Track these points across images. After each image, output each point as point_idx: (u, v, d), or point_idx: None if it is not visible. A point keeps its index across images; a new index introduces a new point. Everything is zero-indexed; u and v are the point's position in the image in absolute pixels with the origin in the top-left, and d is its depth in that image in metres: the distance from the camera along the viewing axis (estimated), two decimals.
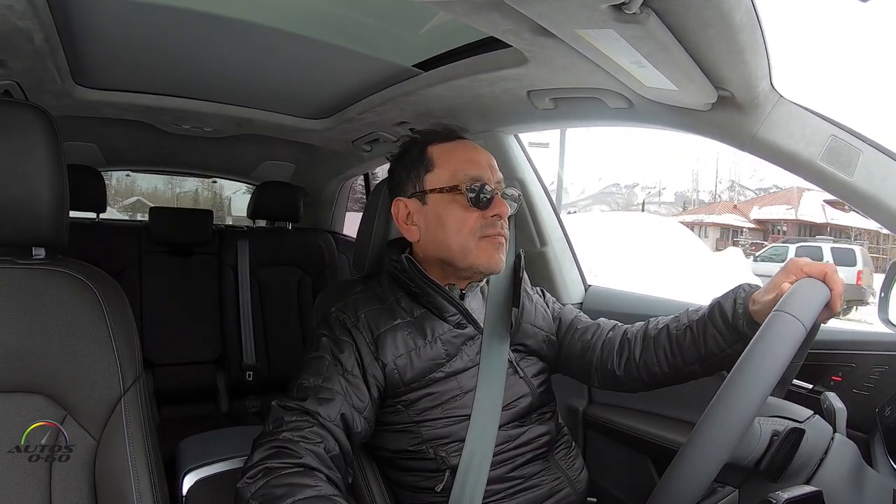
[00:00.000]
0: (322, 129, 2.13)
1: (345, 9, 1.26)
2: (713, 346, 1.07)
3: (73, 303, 0.98)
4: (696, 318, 1.11)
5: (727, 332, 1.05)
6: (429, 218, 1.15)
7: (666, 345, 1.14)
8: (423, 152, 1.18)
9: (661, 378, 1.17)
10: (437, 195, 1.13)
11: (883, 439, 1.04)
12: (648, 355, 1.17)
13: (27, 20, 1.16)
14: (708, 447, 0.75)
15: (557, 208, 1.90)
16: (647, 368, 1.17)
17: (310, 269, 2.83)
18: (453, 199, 1.12)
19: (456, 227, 1.11)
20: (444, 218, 1.12)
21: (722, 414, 0.75)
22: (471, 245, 1.11)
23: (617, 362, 1.21)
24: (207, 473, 1.38)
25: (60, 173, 0.97)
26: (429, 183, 1.15)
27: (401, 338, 1.10)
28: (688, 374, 1.14)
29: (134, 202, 15.45)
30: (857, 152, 1.09)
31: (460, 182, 1.11)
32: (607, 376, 1.23)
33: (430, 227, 1.15)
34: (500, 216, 1.12)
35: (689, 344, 1.11)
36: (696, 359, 1.10)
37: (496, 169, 1.17)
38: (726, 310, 1.05)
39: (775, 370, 0.77)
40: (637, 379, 1.20)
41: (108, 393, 0.97)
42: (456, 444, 1.07)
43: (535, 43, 1.07)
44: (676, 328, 1.14)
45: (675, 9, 0.80)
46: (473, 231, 1.11)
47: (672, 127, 1.33)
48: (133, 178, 8.42)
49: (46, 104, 1.15)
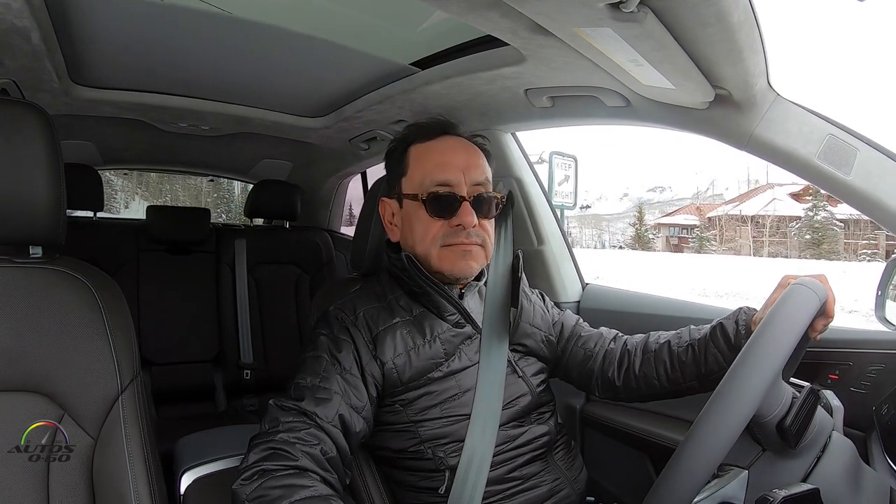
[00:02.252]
0: (319, 127, 2.13)
1: (342, 6, 1.26)
2: (713, 364, 1.11)
3: (71, 301, 0.98)
4: (699, 336, 1.15)
5: (728, 352, 1.08)
6: (403, 221, 1.17)
7: (667, 360, 1.18)
8: (403, 154, 1.19)
9: (658, 391, 1.20)
10: (409, 200, 1.15)
11: (880, 437, 1.04)
12: (648, 368, 1.20)
13: (24, 19, 1.15)
14: (739, 397, 0.76)
15: (554, 207, 1.90)
16: (646, 381, 1.20)
17: (307, 268, 2.83)
18: (420, 206, 1.12)
19: (421, 234, 1.12)
20: (412, 223, 1.14)
21: (746, 371, 0.78)
22: (433, 252, 1.12)
23: (617, 373, 1.24)
24: (205, 472, 1.38)
25: (57, 172, 0.97)
26: (404, 187, 1.17)
27: (400, 336, 1.10)
28: (685, 390, 1.18)
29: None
30: (854, 151, 1.09)
31: (424, 190, 1.11)
32: (607, 386, 1.26)
33: (404, 230, 1.17)
34: (464, 226, 1.10)
35: (689, 361, 1.14)
36: (695, 375, 1.14)
37: (479, 168, 1.15)
38: (728, 330, 1.09)
39: (793, 335, 0.81)
40: (635, 390, 1.23)
41: (106, 392, 0.97)
42: (454, 445, 1.07)
43: (532, 41, 1.07)
44: (678, 345, 1.17)
45: (672, 7, 0.80)
46: (436, 239, 1.11)
47: (669, 125, 1.33)
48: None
49: (43, 103, 1.15)
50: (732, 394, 0.75)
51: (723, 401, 0.75)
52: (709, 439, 0.73)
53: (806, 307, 0.85)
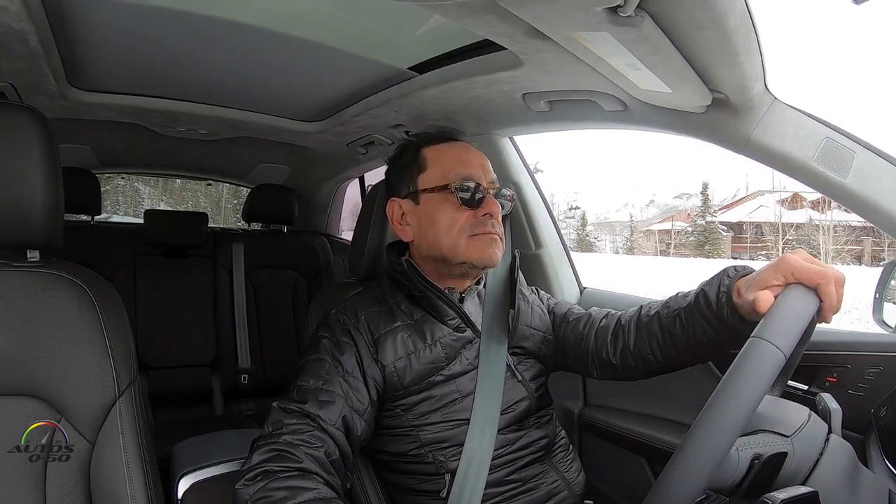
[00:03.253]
0: (317, 131, 2.13)
1: (340, 11, 1.26)
2: (701, 334, 1.03)
3: (68, 305, 0.97)
4: (684, 305, 1.08)
5: (714, 321, 1.01)
6: (421, 217, 1.16)
7: (658, 332, 1.12)
8: (416, 154, 1.19)
9: (655, 366, 1.15)
10: (429, 195, 1.15)
11: (878, 440, 1.04)
12: (642, 343, 1.14)
13: (22, 22, 1.15)
14: (683, 479, 0.71)
15: (552, 211, 1.91)
16: (641, 357, 1.15)
17: (305, 272, 2.83)
18: (444, 199, 1.13)
19: (446, 226, 1.12)
20: (435, 216, 1.13)
21: (695, 448, 0.72)
22: (461, 242, 1.12)
23: (612, 351, 1.19)
24: (202, 476, 1.37)
25: (55, 175, 0.97)
26: (421, 183, 1.16)
27: (400, 340, 1.10)
28: (681, 362, 1.13)
29: None
30: (851, 154, 1.09)
31: (451, 181, 1.13)
32: (604, 366, 1.21)
33: (422, 227, 1.16)
34: (492, 215, 1.13)
35: (678, 332, 1.08)
36: (686, 347, 1.08)
37: (489, 170, 1.19)
38: (710, 298, 1.00)
39: (751, 402, 0.73)
40: (633, 367, 1.17)
41: (103, 396, 0.96)
42: (454, 449, 1.07)
43: (529, 45, 1.07)
44: (667, 315, 1.11)
45: (669, 11, 0.81)
46: (463, 229, 1.12)
47: (667, 129, 1.33)
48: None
49: (41, 106, 1.14)
50: (681, 477, 0.72)
51: (673, 477, 0.72)
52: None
53: (766, 370, 0.75)
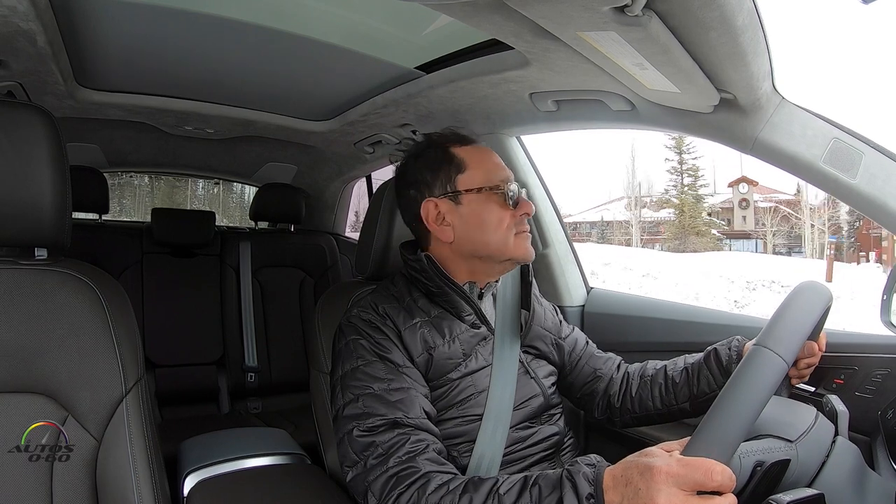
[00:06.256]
0: (324, 130, 2.13)
1: (347, 11, 1.26)
2: (705, 385, 1.16)
3: (76, 304, 0.98)
4: (692, 361, 1.21)
5: (720, 375, 1.15)
6: (465, 217, 1.14)
7: (662, 382, 1.23)
8: (447, 153, 1.16)
9: (652, 414, 1.25)
10: (473, 195, 1.13)
11: (885, 442, 1.03)
12: (644, 391, 1.25)
13: (30, 22, 1.16)
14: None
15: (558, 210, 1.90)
16: (640, 402, 1.25)
17: (312, 271, 2.83)
18: (489, 199, 1.13)
19: (495, 224, 1.12)
20: (483, 216, 1.13)
21: (697, 455, 0.70)
22: (509, 241, 1.13)
23: (616, 394, 1.29)
24: (209, 475, 1.37)
25: (63, 174, 0.98)
26: (462, 183, 1.14)
27: (420, 336, 1.10)
28: (677, 413, 1.22)
29: None
30: (860, 154, 1.09)
31: (498, 182, 1.14)
32: (606, 406, 1.31)
33: (466, 226, 1.14)
34: (528, 213, 1.16)
35: (682, 383, 1.20)
36: (687, 397, 1.19)
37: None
38: (721, 355, 1.16)
39: (753, 410, 0.73)
40: (630, 412, 1.27)
41: (110, 394, 0.97)
42: (467, 444, 1.08)
43: (537, 45, 1.07)
44: (673, 369, 1.23)
45: (677, 11, 0.80)
46: (510, 227, 1.13)
47: (674, 129, 1.33)
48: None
49: (49, 105, 1.15)
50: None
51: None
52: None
53: (769, 376, 0.75)
